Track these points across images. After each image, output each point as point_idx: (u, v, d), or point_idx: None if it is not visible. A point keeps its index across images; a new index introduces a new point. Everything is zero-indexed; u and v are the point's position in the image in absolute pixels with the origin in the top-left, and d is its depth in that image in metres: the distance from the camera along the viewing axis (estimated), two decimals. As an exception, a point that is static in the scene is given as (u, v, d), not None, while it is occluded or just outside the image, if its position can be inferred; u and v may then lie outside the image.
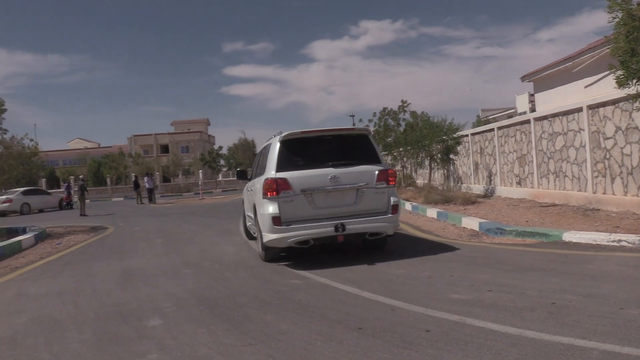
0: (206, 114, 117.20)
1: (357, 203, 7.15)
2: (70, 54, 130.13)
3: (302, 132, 7.44)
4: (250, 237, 9.64)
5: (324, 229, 6.90)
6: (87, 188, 26.05)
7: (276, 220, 6.88)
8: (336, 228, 6.88)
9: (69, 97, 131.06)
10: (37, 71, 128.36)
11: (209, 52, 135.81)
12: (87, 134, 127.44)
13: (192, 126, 74.62)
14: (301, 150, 7.38)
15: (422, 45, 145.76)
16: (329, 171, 7.06)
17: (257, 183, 7.77)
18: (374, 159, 7.44)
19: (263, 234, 7.22)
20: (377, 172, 7.22)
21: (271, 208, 6.93)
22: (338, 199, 7.10)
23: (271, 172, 7.15)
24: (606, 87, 14.93)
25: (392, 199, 7.31)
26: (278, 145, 7.31)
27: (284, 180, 6.97)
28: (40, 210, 28.83)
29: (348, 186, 7.09)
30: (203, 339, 4.17)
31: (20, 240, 11.56)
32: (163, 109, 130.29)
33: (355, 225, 6.99)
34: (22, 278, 7.87)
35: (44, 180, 48.37)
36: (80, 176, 28.89)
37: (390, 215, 7.24)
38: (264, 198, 7.07)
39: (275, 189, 6.96)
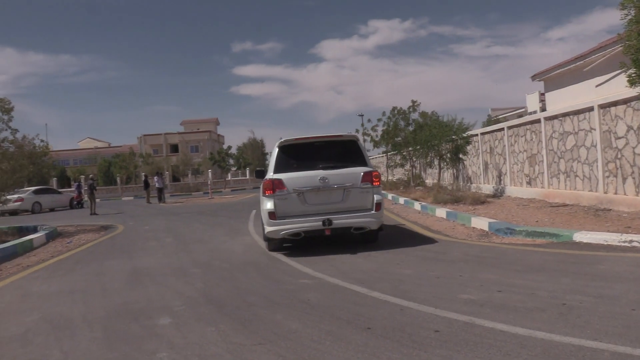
0: (215, 114, 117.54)
1: (343, 201, 8.00)
2: (81, 54, 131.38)
3: (296, 139, 8.43)
4: None
5: (313, 223, 7.81)
6: (97, 187, 26.12)
7: (272, 215, 7.86)
8: (323, 222, 7.78)
9: (80, 97, 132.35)
10: (48, 71, 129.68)
11: (218, 52, 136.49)
12: (97, 134, 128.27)
13: (202, 126, 74.88)
14: (296, 154, 8.34)
15: (432, 44, 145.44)
16: (319, 173, 7.93)
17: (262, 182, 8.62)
18: (361, 162, 8.28)
19: (264, 226, 8.21)
20: (362, 174, 8.04)
21: (269, 204, 7.92)
22: (326, 197, 7.97)
23: (270, 173, 8.17)
24: (618, 86, 14.79)
25: (376, 198, 8.07)
26: (277, 150, 8.37)
27: (279, 180, 7.94)
28: (51, 209, 29.04)
29: (335, 186, 7.95)
30: (212, 338, 4.18)
31: (31, 239, 11.66)
32: (172, 108, 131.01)
33: (341, 221, 7.86)
34: (33, 276, 7.94)
35: (55, 179, 48.80)
36: (90, 175, 29.00)
37: (373, 212, 8.02)
38: (263, 196, 8.14)
39: (271, 187, 7.94)
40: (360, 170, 8.09)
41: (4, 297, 6.53)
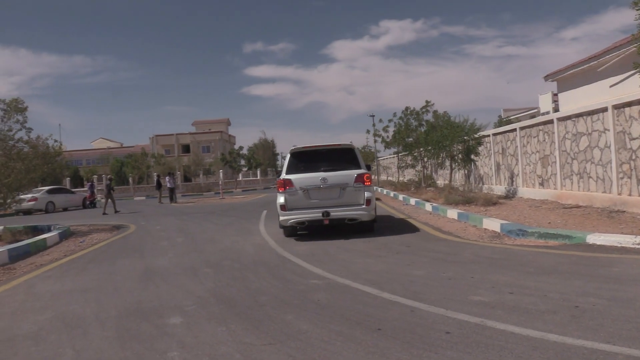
0: (227, 114, 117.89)
1: (340, 197, 9.75)
2: (94, 55, 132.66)
3: (304, 147, 10.35)
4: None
5: (314, 214, 9.61)
6: (114, 188, 26.31)
7: (283, 207, 9.81)
8: (323, 214, 9.56)
9: (93, 98, 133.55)
10: (62, 72, 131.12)
11: (230, 53, 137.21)
12: (110, 134, 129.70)
13: (213, 126, 75.13)
14: (303, 159, 10.21)
15: (443, 44, 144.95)
16: (320, 174, 9.78)
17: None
18: (356, 166, 10.03)
19: (279, 216, 10.02)
20: (355, 175, 9.79)
21: (281, 199, 9.85)
22: (326, 194, 9.77)
23: (283, 174, 10.07)
24: (632, 87, 14.61)
25: (366, 194, 9.73)
26: (289, 155, 10.36)
27: (289, 180, 9.84)
28: (65, 209, 29.33)
29: (333, 185, 9.71)
30: (223, 338, 4.20)
31: (45, 238, 11.79)
32: (184, 109, 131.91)
33: (337, 213, 9.62)
34: (46, 275, 8.02)
35: (68, 179, 49.27)
36: (109, 176, 29.41)
37: (364, 206, 9.69)
38: (277, 192, 10.04)
39: (283, 185, 9.84)
40: (354, 172, 9.82)
41: (17, 296, 6.60)
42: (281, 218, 9.95)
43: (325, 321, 4.46)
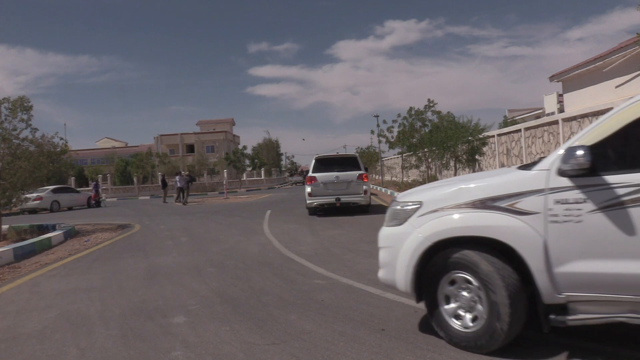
0: (231, 114, 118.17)
1: (347, 188, 14.54)
2: (99, 55, 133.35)
3: (324, 155, 15.50)
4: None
5: (330, 200, 14.54)
6: (193, 181, 28.88)
7: (309, 194, 14.69)
8: (336, 199, 14.47)
9: (98, 97, 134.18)
10: (67, 72, 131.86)
11: (235, 53, 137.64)
12: (115, 134, 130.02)
13: (218, 126, 75.22)
14: (324, 163, 15.08)
15: (448, 45, 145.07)
16: (334, 174, 14.58)
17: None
18: (358, 168, 14.89)
19: (306, 200, 14.95)
20: (357, 174, 14.63)
21: (309, 189, 14.73)
22: (338, 187, 14.54)
23: (310, 172, 14.97)
24: (638, 87, 14.57)
25: (364, 187, 14.60)
26: (314, 160, 15.25)
27: (314, 177, 14.67)
28: (69, 208, 29.39)
29: (343, 180, 14.48)
30: (226, 337, 4.21)
31: (50, 237, 11.82)
32: (189, 108, 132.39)
33: (345, 199, 14.48)
34: (51, 274, 8.04)
35: (73, 178, 49.41)
36: (183, 172, 31.28)
37: (362, 195, 14.54)
38: (306, 185, 14.99)
39: (310, 180, 14.71)
40: (357, 172, 14.67)
41: (22, 295, 6.63)
42: (307, 202, 14.80)
43: (329, 321, 4.46)
